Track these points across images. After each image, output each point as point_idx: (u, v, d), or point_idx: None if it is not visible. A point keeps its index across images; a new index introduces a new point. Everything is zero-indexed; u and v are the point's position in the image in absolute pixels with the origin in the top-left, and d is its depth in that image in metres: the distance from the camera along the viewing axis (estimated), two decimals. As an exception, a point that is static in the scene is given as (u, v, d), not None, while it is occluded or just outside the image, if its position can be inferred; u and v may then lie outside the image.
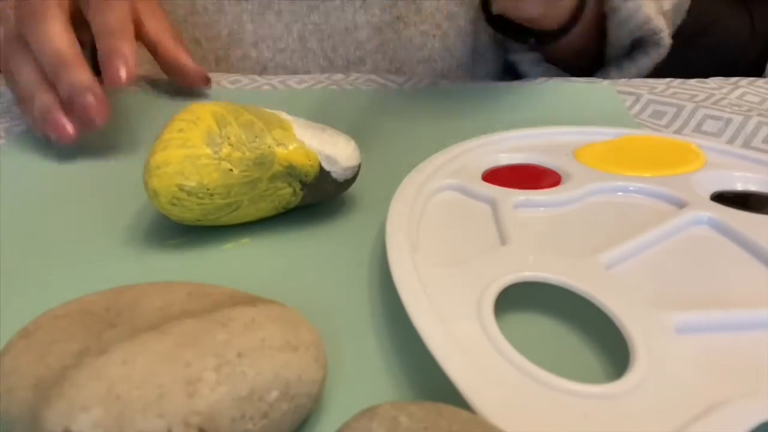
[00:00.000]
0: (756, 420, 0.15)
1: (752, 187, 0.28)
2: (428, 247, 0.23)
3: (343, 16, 0.49)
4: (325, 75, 0.47)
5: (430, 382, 0.18)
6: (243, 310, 0.17)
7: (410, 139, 0.36)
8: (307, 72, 0.51)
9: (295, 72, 0.51)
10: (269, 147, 0.24)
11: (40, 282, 0.23)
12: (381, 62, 0.51)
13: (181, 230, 0.27)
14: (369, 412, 0.14)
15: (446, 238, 0.24)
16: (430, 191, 0.27)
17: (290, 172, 0.25)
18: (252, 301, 0.17)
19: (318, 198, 0.27)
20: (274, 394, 0.15)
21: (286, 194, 0.26)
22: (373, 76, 0.46)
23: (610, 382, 0.16)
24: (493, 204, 0.26)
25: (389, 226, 0.23)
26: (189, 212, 0.24)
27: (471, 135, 0.32)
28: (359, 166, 0.27)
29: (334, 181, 0.26)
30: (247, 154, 0.24)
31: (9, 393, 0.15)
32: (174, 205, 0.24)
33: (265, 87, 0.45)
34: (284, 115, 0.26)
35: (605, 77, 0.45)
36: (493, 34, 0.51)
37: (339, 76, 0.47)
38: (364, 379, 0.19)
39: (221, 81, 0.46)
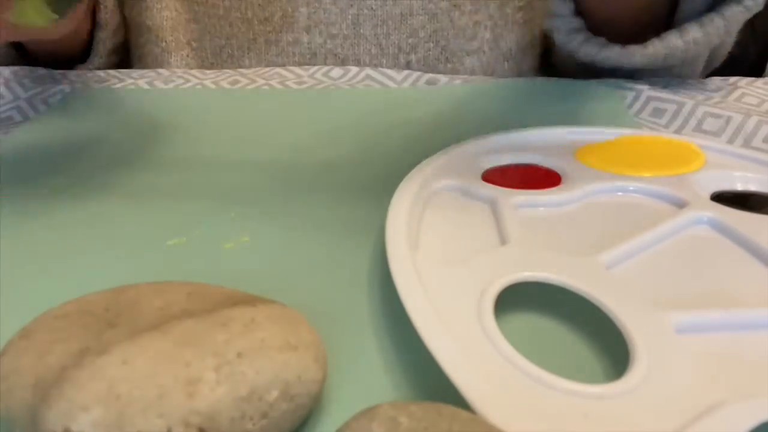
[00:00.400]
0: (756, 420, 0.15)
1: (752, 187, 0.28)
2: (428, 247, 0.23)
3: (401, 2, 0.49)
4: (323, 71, 0.47)
5: (430, 382, 0.18)
6: (243, 310, 0.17)
7: (410, 138, 0.36)
8: (357, 60, 0.51)
9: (344, 60, 0.51)
10: None
11: (40, 282, 0.23)
12: (432, 51, 0.50)
13: (181, 230, 0.27)
14: (369, 412, 0.14)
15: (446, 238, 0.24)
16: (430, 191, 0.27)
17: None
18: (252, 301, 0.17)
19: None
20: (274, 393, 0.15)
21: None
22: (372, 74, 0.46)
23: (610, 382, 0.16)
24: (493, 204, 0.26)
25: (389, 226, 0.23)
26: None
27: (470, 135, 0.32)
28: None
29: None
30: None
31: (9, 393, 0.15)
32: None
33: (264, 87, 0.45)
34: None
35: (684, 39, 0.38)
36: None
37: (338, 73, 0.46)
38: (364, 379, 0.19)
39: (220, 82, 0.46)
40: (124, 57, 0.55)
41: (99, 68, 0.49)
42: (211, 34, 0.51)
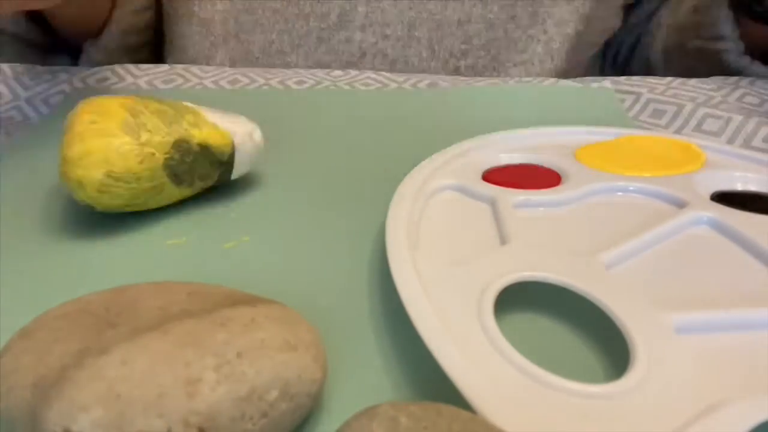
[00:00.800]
0: (755, 420, 0.15)
1: (752, 187, 0.28)
2: (428, 246, 0.23)
3: (460, 8, 0.49)
4: (325, 71, 0.47)
5: (430, 382, 0.18)
6: (242, 310, 0.17)
7: (410, 138, 0.36)
8: (406, 62, 0.51)
9: (394, 61, 0.51)
10: (186, 130, 0.26)
11: (40, 282, 0.23)
12: (482, 59, 0.51)
13: (180, 230, 0.27)
14: (369, 412, 0.14)
15: (446, 237, 0.24)
16: (430, 191, 0.27)
17: (207, 153, 0.27)
18: (251, 301, 0.17)
19: (234, 174, 0.29)
20: (274, 393, 0.15)
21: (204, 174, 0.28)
22: (373, 75, 0.46)
23: (610, 382, 0.16)
24: (493, 204, 0.26)
25: (389, 226, 0.23)
26: (118, 198, 0.25)
27: (470, 135, 0.32)
28: (262, 143, 0.29)
29: (248, 154, 0.28)
30: (166, 138, 0.25)
31: (9, 393, 0.15)
32: (102, 192, 0.24)
33: (264, 87, 0.45)
34: (190, 104, 0.28)
35: None
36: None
37: (338, 73, 0.46)
38: (364, 378, 0.19)
39: (220, 81, 0.46)
40: (149, 41, 0.55)
41: (111, 47, 0.49)
42: (263, 28, 0.51)
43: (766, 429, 0.15)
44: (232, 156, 0.27)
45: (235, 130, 0.28)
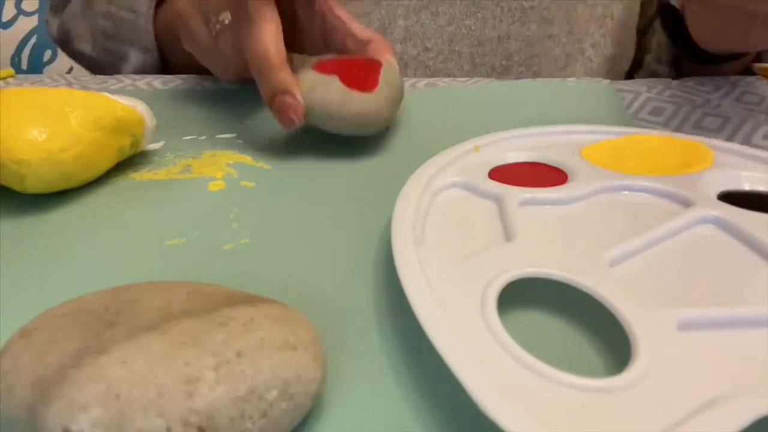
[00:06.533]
0: (754, 415, 0.15)
1: (760, 187, 0.28)
2: (433, 242, 0.23)
3: (499, 25, 0.50)
4: None
5: (430, 378, 0.18)
6: (242, 309, 0.17)
7: (414, 137, 0.36)
8: (448, 74, 0.52)
9: (435, 73, 0.52)
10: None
11: (39, 281, 0.23)
12: (523, 75, 0.52)
13: (180, 230, 0.27)
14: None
15: (452, 234, 0.24)
16: (436, 188, 0.27)
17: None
18: (251, 300, 0.17)
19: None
20: (273, 393, 0.15)
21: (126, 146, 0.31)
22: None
23: (611, 376, 0.16)
24: (499, 201, 0.26)
25: (395, 222, 0.23)
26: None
27: (469, 135, 0.32)
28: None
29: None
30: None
31: (8, 393, 0.15)
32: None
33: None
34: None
35: None
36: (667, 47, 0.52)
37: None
38: (365, 377, 0.19)
39: (219, 81, 0.46)
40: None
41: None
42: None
43: (765, 425, 0.15)
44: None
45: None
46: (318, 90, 0.33)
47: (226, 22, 0.36)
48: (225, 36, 0.36)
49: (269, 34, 0.33)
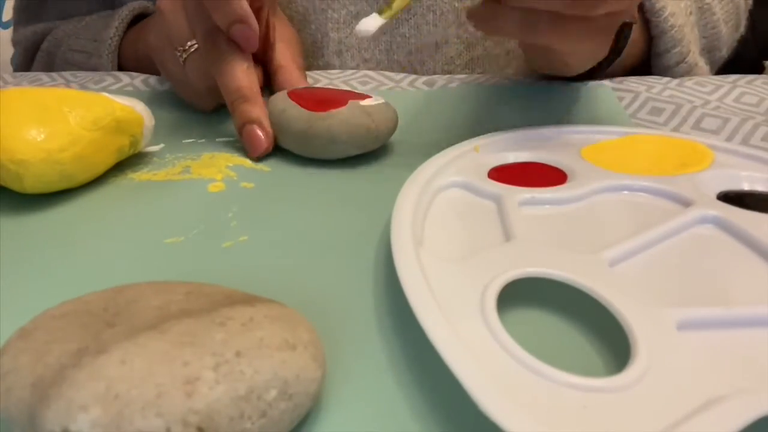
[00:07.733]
0: (754, 415, 0.15)
1: (759, 187, 0.28)
2: (433, 242, 0.23)
3: (435, 31, 0.50)
4: (323, 70, 0.47)
5: (430, 378, 0.18)
6: (241, 309, 0.17)
7: (413, 138, 0.36)
8: None
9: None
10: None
11: (39, 282, 0.23)
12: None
13: (179, 228, 0.27)
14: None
15: (451, 234, 0.24)
16: (435, 188, 0.27)
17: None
18: (250, 300, 0.17)
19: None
20: (273, 392, 0.15)
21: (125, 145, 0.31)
22: (370, 73, 0.46)
23: (611, 376, 0.16)
24: (498, 201, 0.26)
25: (395, 222, 0.23)
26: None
27: (475, 134, 0.32)
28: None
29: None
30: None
31: (8, 393, 0.15)
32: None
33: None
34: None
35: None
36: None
37: (335, 72, 0.46)
38: (364, 376, 0.19)
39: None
40: None
41: None
42: None
43: (765, 424, 0.15)
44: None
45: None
46: (288, 112, 0.33)
47: (192, 49, 0.36)
48: (191, 61, 0.36)
49: (240, 63, 0.34)
